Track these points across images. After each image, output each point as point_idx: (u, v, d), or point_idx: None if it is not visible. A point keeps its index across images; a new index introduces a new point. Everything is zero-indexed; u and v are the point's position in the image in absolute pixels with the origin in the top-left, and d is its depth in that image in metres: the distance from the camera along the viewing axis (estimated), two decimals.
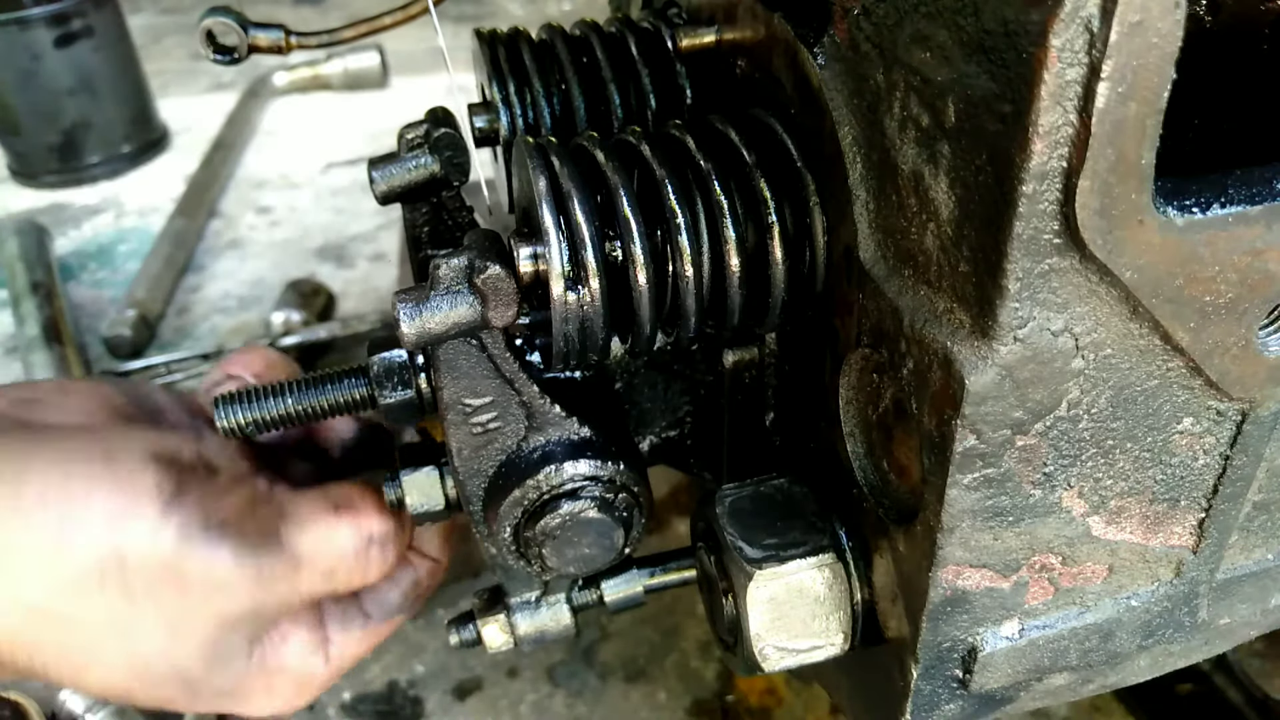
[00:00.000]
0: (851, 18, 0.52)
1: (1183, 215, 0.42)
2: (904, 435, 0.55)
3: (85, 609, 0.71)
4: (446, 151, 0.67)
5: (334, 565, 0.78)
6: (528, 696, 1.21)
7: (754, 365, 0.72)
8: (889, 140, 0.50)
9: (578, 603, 0.83)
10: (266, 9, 3.06)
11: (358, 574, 0.79)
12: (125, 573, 0.70)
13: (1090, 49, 0.37)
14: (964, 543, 0.52)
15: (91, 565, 0.69)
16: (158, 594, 0.72)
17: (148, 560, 0.70)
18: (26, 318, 1.80)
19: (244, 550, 0.73)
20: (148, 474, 0.72)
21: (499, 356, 0.66)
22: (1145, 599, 0.60)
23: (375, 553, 0.79)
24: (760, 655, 0.64)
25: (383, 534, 0.79)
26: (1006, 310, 0.44)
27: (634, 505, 0.72)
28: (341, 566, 0.78)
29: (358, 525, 0.78)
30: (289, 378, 0.78)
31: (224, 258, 2.12)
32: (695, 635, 1.27)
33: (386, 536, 0.79)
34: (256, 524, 0.74)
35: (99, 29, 2.33)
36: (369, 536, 0.78)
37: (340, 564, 0.78)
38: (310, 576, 0.77)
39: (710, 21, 0.73)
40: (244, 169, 2.47)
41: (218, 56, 0.76)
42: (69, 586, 0.70)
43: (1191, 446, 0.53)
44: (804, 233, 0.59)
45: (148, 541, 0.70)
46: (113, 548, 0.70)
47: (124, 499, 0.70)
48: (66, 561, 0.69)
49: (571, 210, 0.56)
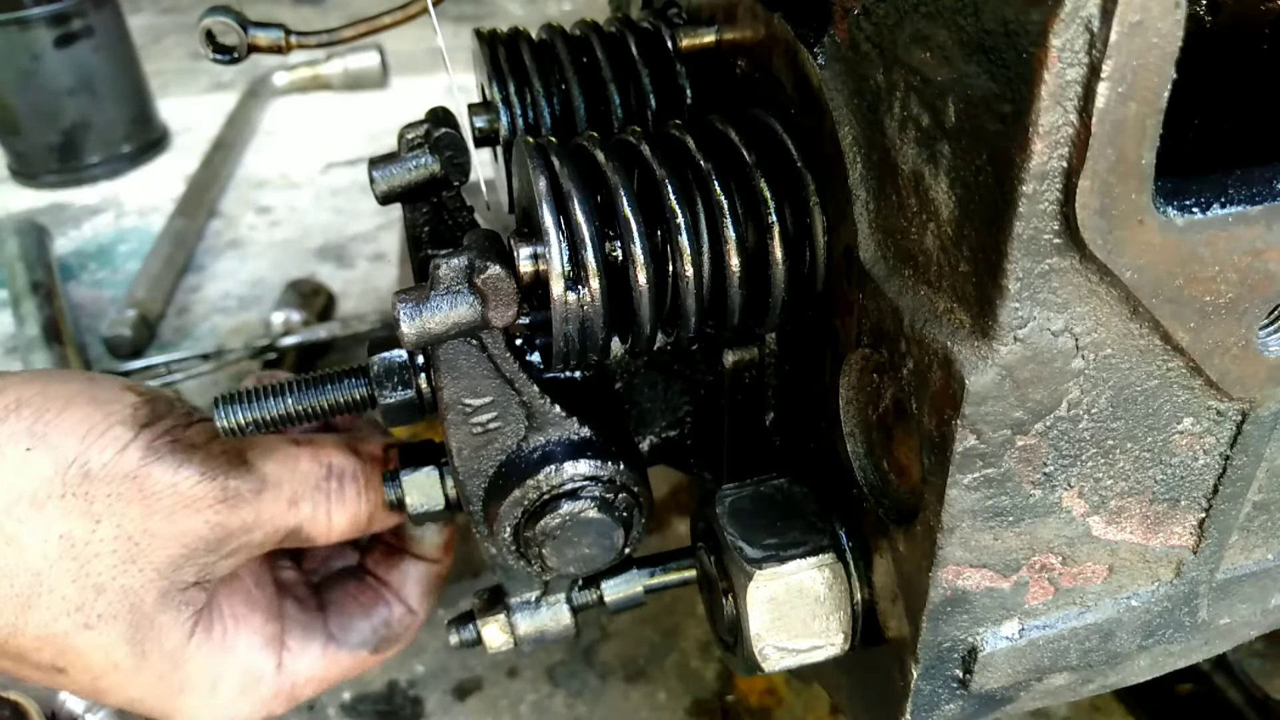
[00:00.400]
0: (851, 18, 0.52)
1: (1183, 215, 0.42)
2: (904, 435, 0.55)
3: (41, 527, 0.70)
4: (447, 151, 0.67)
5: (296, 491, 0.77)
6: (528, 696, 1.21)
7: (754, 365, 0.72)
8: (889, 140, 0.50)
9: (578, 603, 0.83)
10: (266, 9, 3.06)
11: (320, 509, 0.78)
12: (88, 483, 0.70)
13: (1090, 49, 0.37)
14: (964, 543, 0.52)
15: (54, 475, 0.69)
16: (119, 508, 0.71)
17: (112, 471, 0.70)
18: (26, 318, 1.80)
19: (211, 467, 0.73)
20: (126, 398, 0.73)
21: (499, 356, 0.66)
22: (1145, 599, 0.60)
23: (335, 486, 0.79)
24: (760, 655, 0.64)
25: (342, 467, 0.79)
26: (1006, 310, 0.44)
27: (634, 505, 0.72)
28: (304, 495, 0.78)
29: (317, 455, 0.79)
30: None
31: (224, 258, 2.12)
32: (695, 635, 1.26)
33: (345, 471, 0.79)
34: (223, 449, 0.75)
35: (99, 29, 2.32)
36: (329, 465, 0.79)
37: (303, 490, 0.77)
38: (274, 502, 0.76)
39: (710, 21, 0.73)
40: (244, 169, 2.46)
41: (218, 56, 0.76)
42: (29, 498, 0.69)
43: (1191, 446, 0.53)
44: (804, 233, 0.59)
45: (114, 454, 0.71)
46: (79, 459, 0.70)
47: (98, 416, 0.71)
48: (30, 471, 0.69)
49: (571, 210, 0.56)
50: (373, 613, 0.87)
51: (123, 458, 0.71)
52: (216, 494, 0.73)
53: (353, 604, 0.87)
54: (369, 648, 0.87)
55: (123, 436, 0.71)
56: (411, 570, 0.88)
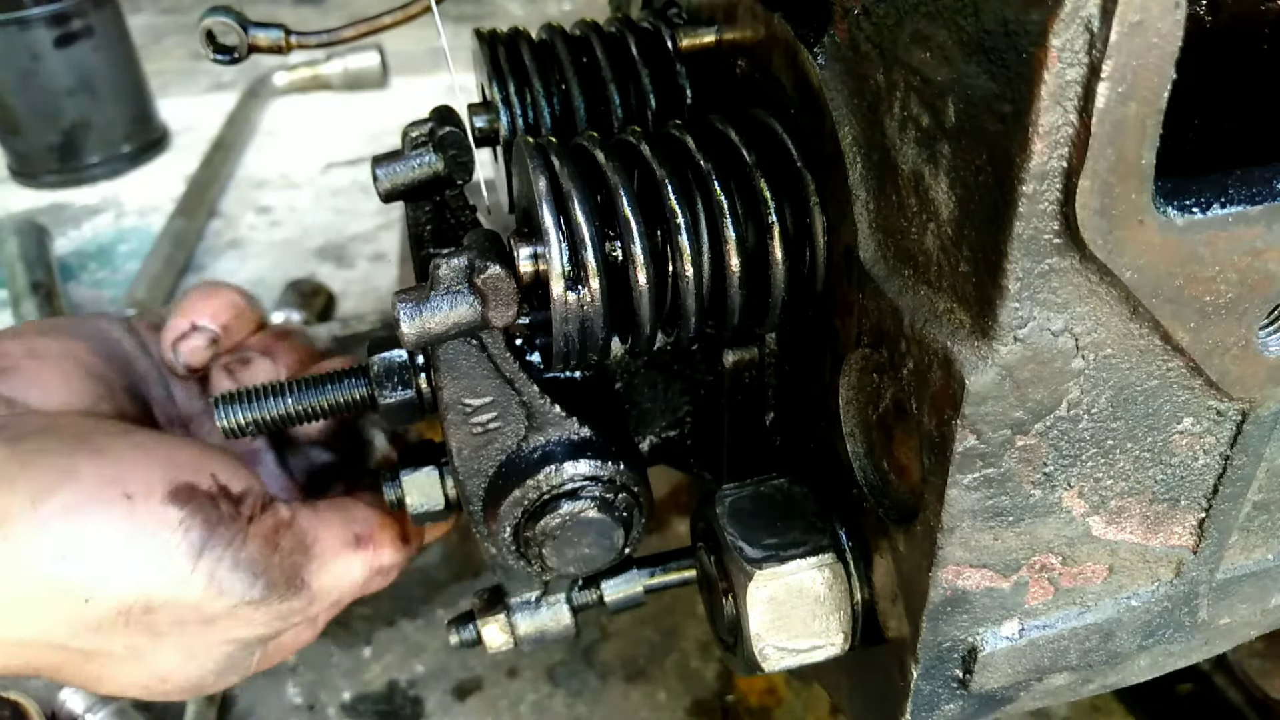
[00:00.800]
0: (851, 18, 0.52)
1: (1183, 215, 0.42)
2: (904, 435, 0.55)
3: (105, 643, 0.71)
4: (451, 150, 0.67)
5: (344, 596, 0.80)
6: (528, 696, 1.21)
7: (754, 365, 0.72)
8: (889, 140, 0.50)
9: (578, 603, 0.83)
10: (266, 9, 3.06)
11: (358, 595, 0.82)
12: (151, 615, 0.70)
13: (1090, 49, 0.37)
14: (964, 543, 0.52)
15: (116, 615, 0.69)
16: (181, 630, 0.72)
17: (175, 605, 0.70)
18: (26, 318, 1.80)
19: (270, 593, 0.73)
20: (170, 517, 0.70)
21: (499, 356, 0.66)
22: (1145, 599, 0.60)
23: (378, 580, 0.82)
24: (760, 655, 0.64)
25: (392, 565, 0.81)
26: (1006, 310, 0.44)
27: (634, 505, 0.72)
28: (350, 595, 0.81)
29: (372, 561, 0.80)
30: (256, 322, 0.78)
31: (224, 258, 2.12)
32: (695, 635, 1.26)
33: (394, 565, 0.81)
34: (281, 566, 0.74)
35: (99, 29, 2.32)
36: (380, 569, 0.80)
37: (349, 594, 0.80)
38: (321, 607, 0.79)
39: (710, 21, 0.73)
40: (244, 169, 2.46)
41: (218, 56, 0.76)
42: (92, 628, 0.70)
43: (1191, 446, 0.53)
44: (804, 233, 0.59)
45: (176, 589, 0.70)
46: (140, 598, 0.69)
47: (150, 549, 0.69)
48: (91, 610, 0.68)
49: (571, 210, 0.56)
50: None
51: (185, 590, 0.70)
52: (273, 615, 0.75)
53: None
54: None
55: (182, 570, 0.69)
56: None
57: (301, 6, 3.35)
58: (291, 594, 0.75)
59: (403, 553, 0.81)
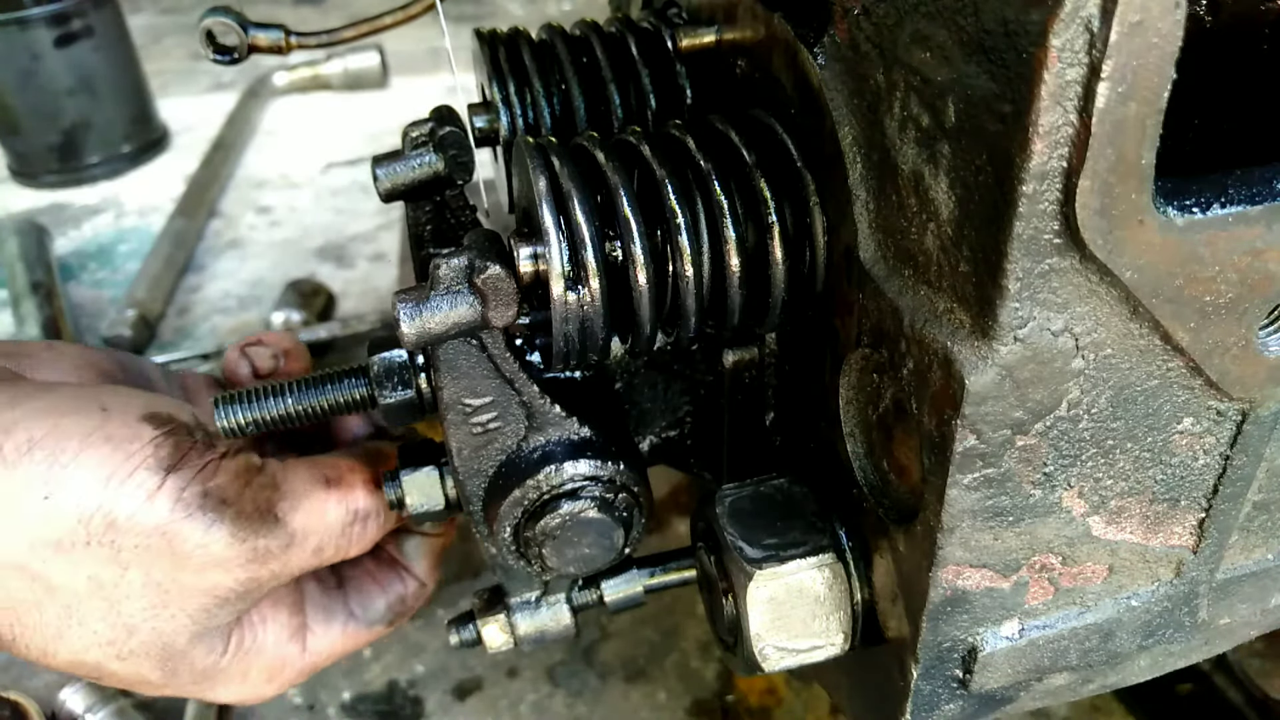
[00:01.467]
0: (851, 18, 0.52)
1: (1183, 215, 0.42)
2: (904, 435, 0.55)
3: (68, 569, 0.68)
4: (451, 150, 0.67)
5: (323, 540, 0.77)
6: (528, 696, 1.21)
7: (754, 365, 0.72)
8: (889, 140, 0.50)
9: (578, 603, 0.83)
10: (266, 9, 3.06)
11: (341, 550, 0.79)
12: (113, 532, 0.68)
13: (1090, 49, 0.37)
14: (964, 543, 0.52)
15: (77, 524, 0.67)
16: (148, 560, 0.69)
17: (139, 523, 0.68)
18: (26, 318, 1.80)
19: (241, 528, 0.71)
20: (144, 433, 0.69)
21: (499, 356, 0.66)
22: (1145, 599, 0.60)
23: (358, 529, 0.79)
24: (760, 655, 0.64)
25: (367, 510, 0.79)
26: (1006, 310, 0.44)
27: (634, 505, 0.72)
28: (329, 543, 0.78)
29: (346, 501, 0.78)
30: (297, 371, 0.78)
31: (224, 258, 2.12)
32: (695, 635, 1.26)
33: (370, 513, 0.79)
34: (252, 498, 0.73)
35: (99, 29, 2.32)
36: (355, 512, 0.78)
37: (328, 540, 0.77)
38: (300, 553, 0.76)
39: (710, 21, 0.73)
40: (244, 169, 2.46)
41: (218, 56, 0.76)
42: (53, 544, 0.67)
43: (1191, 446, 0.53)
44: (804, 233, 0.59)
45: (141, 506, 0.68)
46: (102, 507, 0.67)
47: (118, 457, 0.68)
48: (52, 517, 0.67)
49: (571, 210, 0.56)
50: (389, 588, 0.88)
51: (150, 508, 0.68)
52: (247, 554, 0.72)
53: (369, 581, 0.88)
54: (385, 622, 0.88)
55: (147, 483, 0.68)
56: (419, 544, 0.89)
57: (301, 6, 3.35)
58: (266, 530, 0.72)
59: (376, 499, 0.79)
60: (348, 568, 0.89)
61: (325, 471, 0.78)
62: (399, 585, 0.88)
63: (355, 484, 0.78)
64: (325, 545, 0.77)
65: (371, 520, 0.79)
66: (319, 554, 0.78)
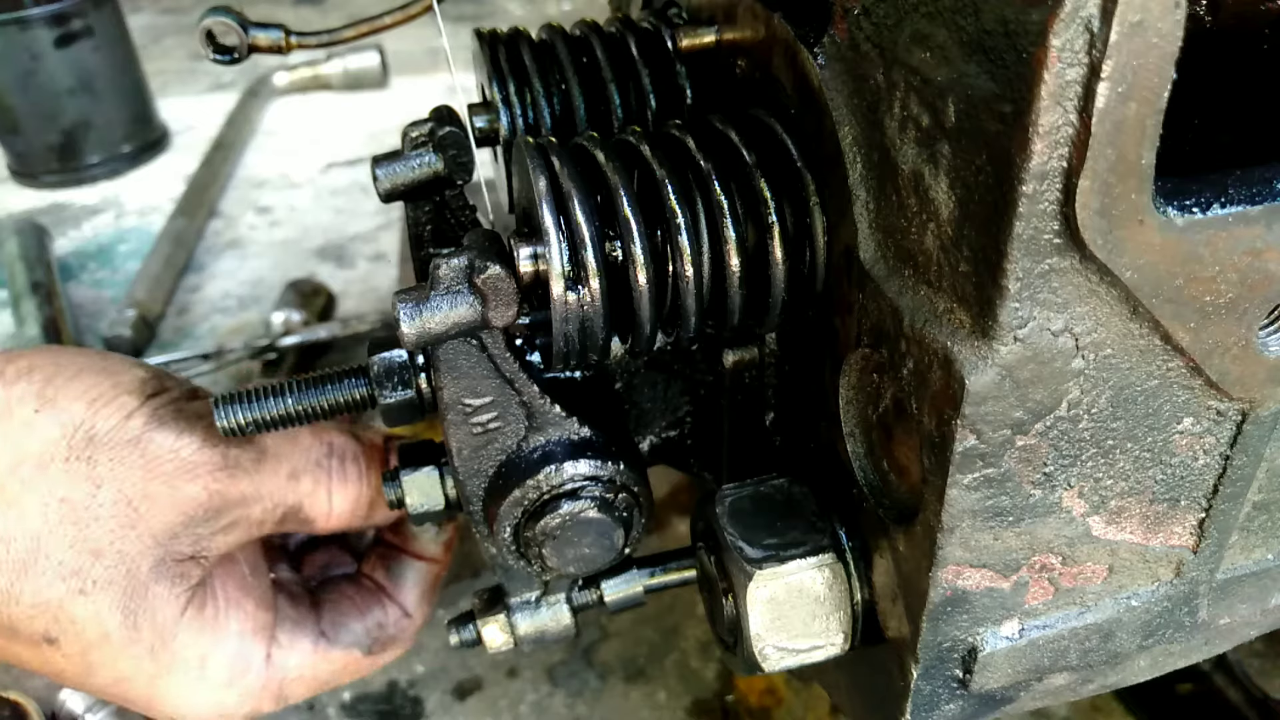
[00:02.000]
0: (851, 18, 0.52)
1: (1183, 215, 0.42)
2: (904, 435, 0.55)
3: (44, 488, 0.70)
4: (451, 150, 0.67)
5: (297, 465, 0.78)
6: (528, 696, 1.21)
7: (754, 365, 0.72)
8: (889, 140, 0.50)
9: (578, 603, 0.83)
10: (266, 9, 3.06)
11: (319, 483, 0.79)
12: (92, 447, 0.71)
13: (1090, 49, 0.37)
14: (964, 543, 0.52)
15: (60, 437, 0.70)
16: (121, 472, 0.71)
17: (116, 436, 0.71)
18: (26, 318, 1.80)
19: (213, 435, 0.74)
20: (135, 371, 0.75)
21: (499, 356, 0.66)
22: (1145, 599, 0.60)
23: (336, 464, 0.79)
24: (760, 655, 0.64)
25: (343, 447, 0.80)
26: (1006, 310, 0.44)
27: (634, 505, 0.72)
28: (304, 470, 0.78)
29: (318, 432, 0.80)
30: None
31: (224, 258, 2.12)
32: (695, 635, 1.26)
33: (346, 450, 0.80)
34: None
35: (99, 29, 2.32)
36: (330, 444, 0.79)
37: (303, 465, 0.78)
38: (274, 473, 0.76)
39: (710, 21, 0.73)
40: (244, 169, 2.46)
41: (218, 56, 0.76)
42: (33, 459, 0.70)
43: (1191, 446, 0.53)
44: (804, 233, 0.59)
45: (119, 420, 0.72)
46: (84, 424, 0.71)
47: (107, 384, 0.73)
48: (37, 432, 0.70)
49: (571, 210, 0.56)
50: (367, 613, 0.87)
51: (128, 424, 0.72)
52: (217, 461, 0.74)
53: (347, 604, 0.87)
54: (362, 648, 0.86)
55: (129, 404, 0.73)
56: (410, 571, 0.88)
57: (301, 6, 3.35)
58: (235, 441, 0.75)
59: (351, 440, 0.80)
60: (324, 590, 0.89)
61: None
62: (378, 611, 0.87)
63: (327, 426, 0.80)
64: (301, 471, 0.78)
65: (350, 460, 0.80)
66: (295, 480, 0.78)
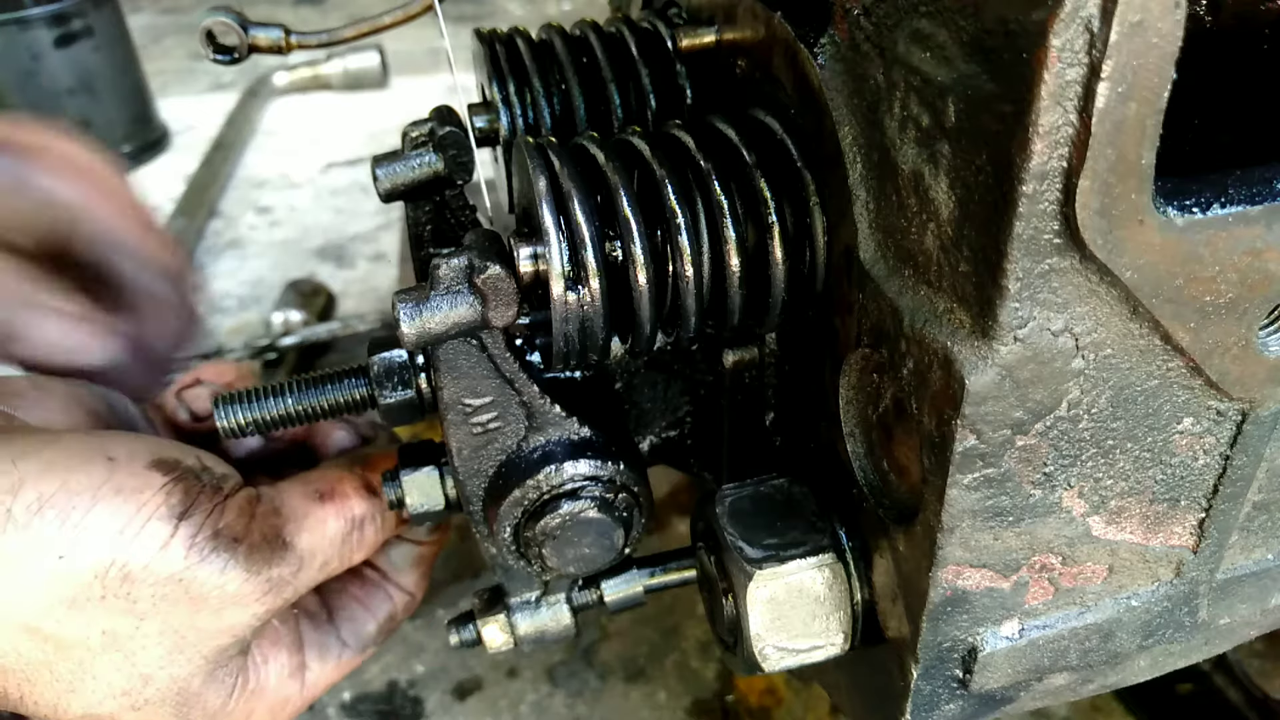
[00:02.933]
0: (851, 18, 0.52)
1: (1183, 215, 0.42)
2: (904, 435, 0.55)
3: (82, 625, 0.68)
4: (451, 150, 0.67)
5: (328, 556, 0.78)
6: (528, 696, 1.21)
7: (754, 365, 0.72)
8: (889, 140, 0.50)
9: (578, 603, 0.83)
10: (266, 9, 3.06)
11: (344, 560, 0.79)
12: (129, 584, 0.67)
13: (1090, 49, 0.37)
14: (964, 543, 0.52)
15: (92, 580, 0.66)
16: (164, 608, 0.69)
17: (154, 573, 0.68)
18: None
19: (254, 562, 0.72)
20: (153, 481, 0.69)
21: (499, 356, 0.66)
22: (1145, 599, 0.60)
23: (357, 536, 0.79)
24: (760, 655, 0.64)
25: (363, 515, 0.79)
26: (1006, 310, 0.44)
27: (634, 505, 0.72)
28: (333, 556, 0.78)
29: (343, 512, 0.78)
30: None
31: (224, 258, 2.12)
32: (695, 635, 1.27)
33: (366, 517, 0.80)
34: (259, 529, 0.73)
35: (99, 29, 2.33)
36: (352, 520, 0.79)
37: (332, 554, 0.78)
38: (309, 573, 0.77)
39: (710, 21, 0.73)
40: (244, 169, 2.47)
41: (218, 56, 0.76)
42: (67, 601, 0.66)
43: (1191, 446, 0.53)
44: (804, 233, 0.59)
45: (155, 557, 0.68)
46: (116, 561, 0.67)
47: (130, 509, 0.67)
48: (66, 576, 0.66)
49: (571, 210, 0.56)
50: (378, 610, 0.88)
51: (164, 557, 0.68)
52: (263, 587, 0.72)
53: (357, 606, 0.88)
54: (378, 644, 0.89)
55: (161, 533, 0.68)
56: (407, 553, 0.89)
57: (301, 6, 3.35)
58: (277, 558, 0.73)
59: (371, 502, 0.80)
60: (335, 597, 0.89)
61: (317, 486, 0.79)
62: (388, 604, 0.89)
63: (348, 493, 0.79)
64: (330, 559, 0.78)
65: (369, 525, 0.80)
66: (325, 568, 0.78)
